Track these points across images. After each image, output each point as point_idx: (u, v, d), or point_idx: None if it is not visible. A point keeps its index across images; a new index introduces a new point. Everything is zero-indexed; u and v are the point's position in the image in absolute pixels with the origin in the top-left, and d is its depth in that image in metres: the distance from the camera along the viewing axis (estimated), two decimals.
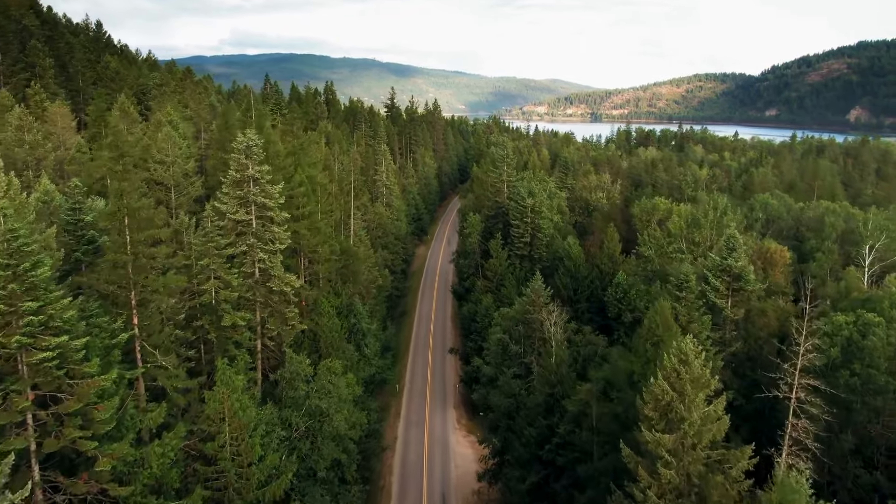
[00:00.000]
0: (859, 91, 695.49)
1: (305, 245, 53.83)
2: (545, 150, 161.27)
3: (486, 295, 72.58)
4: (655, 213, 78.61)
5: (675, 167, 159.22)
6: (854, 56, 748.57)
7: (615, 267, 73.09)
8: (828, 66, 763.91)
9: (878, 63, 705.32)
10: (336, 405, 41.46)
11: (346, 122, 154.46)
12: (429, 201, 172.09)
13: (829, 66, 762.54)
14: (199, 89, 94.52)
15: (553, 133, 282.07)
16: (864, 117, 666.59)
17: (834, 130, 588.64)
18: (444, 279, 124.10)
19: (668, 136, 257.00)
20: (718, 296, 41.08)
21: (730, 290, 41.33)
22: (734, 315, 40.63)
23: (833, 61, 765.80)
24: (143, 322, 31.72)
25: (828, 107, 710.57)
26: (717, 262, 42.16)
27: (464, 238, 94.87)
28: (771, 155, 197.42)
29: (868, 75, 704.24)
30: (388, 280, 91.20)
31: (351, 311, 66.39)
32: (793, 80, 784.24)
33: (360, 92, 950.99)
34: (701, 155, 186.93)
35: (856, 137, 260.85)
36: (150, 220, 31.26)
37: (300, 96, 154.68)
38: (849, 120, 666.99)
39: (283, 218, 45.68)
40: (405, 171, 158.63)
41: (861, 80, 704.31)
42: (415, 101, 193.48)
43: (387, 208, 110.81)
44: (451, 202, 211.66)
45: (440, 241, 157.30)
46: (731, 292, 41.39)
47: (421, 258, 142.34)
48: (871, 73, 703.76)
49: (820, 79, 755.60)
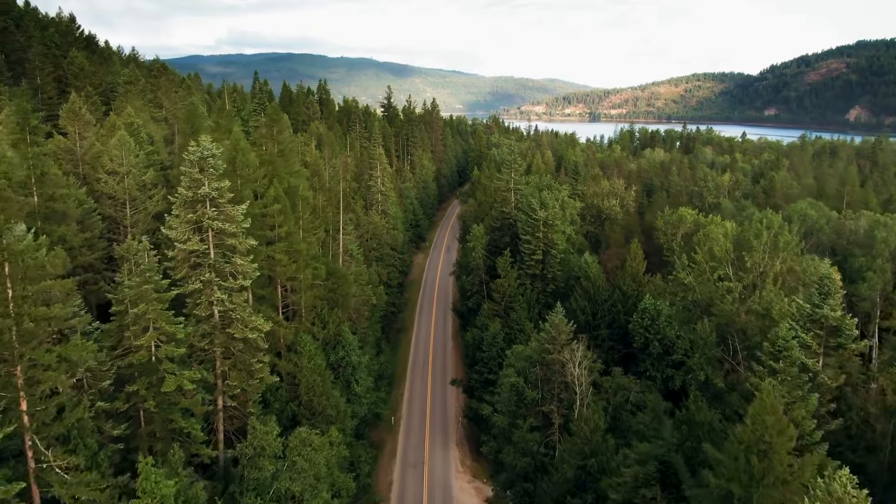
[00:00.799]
0: (859, 90, 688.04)
1: (282, 272, 44.63)
2: (549, 152, 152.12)
3: (493, 320, 63.46)
4: (682, 225, 69.55)
5: (687, 170, 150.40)
6: (853, 55, 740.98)
7: (639, 288, 64.10)
8: (827, 66, 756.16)
9: (878, 62, 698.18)
10: (313, 487, 32.31)
11: (339, 123, 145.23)
12: (427, 205, 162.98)
13: (828, 65, 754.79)
14: (174, 87, 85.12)
15: (554, 133, 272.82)
16: (864, 117, 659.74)
17: (834, 130, 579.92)
18: (444, 292, 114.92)
19: (673, 136, 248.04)
20: (808, 354, 31.59)
21: (822, 346, 32.02)
22: (832, 381, 31.04)
23: (832, 61, 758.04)
24: (34, 409, 22.52)
25: (827, 106, 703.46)
26: (805, 310, 32.71)
27: (466, 252, 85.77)
28: (782, 156, 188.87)
29: (867, 75, 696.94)
30: (382, 298, 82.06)
31: (339, 343, 57.32)
32: (792, 80, 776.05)
33: (357, 91, 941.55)
34: (711, 157, 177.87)
35: (867, 138, 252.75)
36: (41, 269, 22.07)
37: (291, 96, 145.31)
38: (848, 119, 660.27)
39: (249, 246, 36.44)
40: (402, 175, 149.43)
41: (860, 80, 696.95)
42: (412, 100, 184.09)
43: (382, 216, 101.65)
44: (450, 205, 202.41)
45: (439, 249, 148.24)
46: (823, 350, 32.07)
47: (419, 267, 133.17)
48: (871, 72, 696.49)
49: (819, 78, 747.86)
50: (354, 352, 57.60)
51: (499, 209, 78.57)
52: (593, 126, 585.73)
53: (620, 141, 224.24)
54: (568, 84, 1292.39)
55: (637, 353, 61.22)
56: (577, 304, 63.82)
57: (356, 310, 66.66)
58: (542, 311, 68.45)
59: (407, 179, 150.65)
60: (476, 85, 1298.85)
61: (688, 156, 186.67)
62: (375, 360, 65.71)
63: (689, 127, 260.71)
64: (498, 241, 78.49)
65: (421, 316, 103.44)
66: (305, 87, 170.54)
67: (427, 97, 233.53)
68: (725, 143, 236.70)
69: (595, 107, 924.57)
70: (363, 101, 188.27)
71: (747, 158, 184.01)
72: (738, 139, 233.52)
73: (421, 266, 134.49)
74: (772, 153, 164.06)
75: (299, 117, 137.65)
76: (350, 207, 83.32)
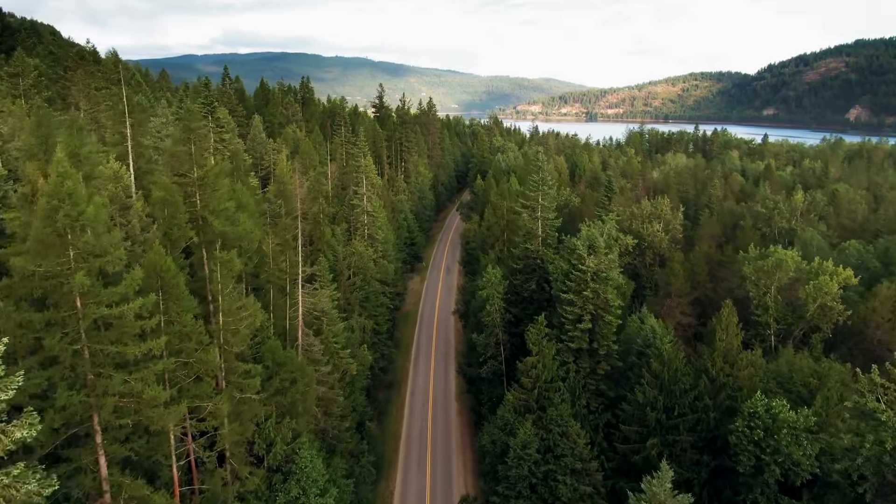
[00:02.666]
0: (858, 90, 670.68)
1: (163, 416, 23.60)
2: (561, 159, 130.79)
3: (522, 421, 42.55)
4: (780, 272, 48.77)
5: (721, 180, 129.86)
6: (852, 55, 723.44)
7: (736, 376, 43.46)
8: (825, 65, 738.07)
9: (877, 61, 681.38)
10: None
11: (322, 127, 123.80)
12: (424, 218, 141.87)
13: (827, 64, 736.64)
14: (96, 80, 63.92)
15: (555, 134, 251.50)
16: (865, 116, 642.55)
17: (834, 130, 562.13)
18: (445, 333, 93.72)
19: (686, 138, 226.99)
20: None
21: None
22: None
23: (831, 60, 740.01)
24: None
25: (827, 106, 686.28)
26: None
27: (476, 299, 64.86)
28: (812, 160, 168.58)
29: (866, 74, 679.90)
30: (367, 359, 61.23)
31: (291, 473, 36.42)
32: (790, 79, 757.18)
33: (352, 91, 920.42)
34: (739, 162, 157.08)
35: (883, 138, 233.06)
36: None
37: (269, 94, 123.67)
38: (849, 119, 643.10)
39: None
40: (395, 186, 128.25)
41: (860, 79, 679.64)
42: (407, 100, 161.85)
43: (369, 243, 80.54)
44: (448, 214, 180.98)
45: (438, 269, 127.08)
46: None
47: (415, 294, 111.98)
48: (870, 71, 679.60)
49: (818, 77, 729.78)
50: (315, 488, 36.64)
51: (521, 245, 57.39)
52: (590, 126, 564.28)
53: (632, 143, 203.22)
54: (563, 84, 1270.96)
55: (735, 470, 40.76)
56: (645, 397, 43.15)
57: (325, 401, 45.70)
58: (592, 404, 47.50)
59: (400, 191, 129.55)
60: (471, 84, 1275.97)
61: (710, 161, 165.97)
62: (350, 481, 44.68)
63: (701, 127, 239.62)
64: (520, 288, 57.51)
65: (417, 366, 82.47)
66: (287, 84, 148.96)
67: (423, 96, 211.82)
68: (745, 145, 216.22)
69: (592, 106, 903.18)
70: (358, 101, 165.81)
71: (780, 164, 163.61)
72: (757, 141, 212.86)
73: (417, 293, 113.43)
74: (819, 161, 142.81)
75: (275, 119, 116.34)
76: (324, 242, 62.24)
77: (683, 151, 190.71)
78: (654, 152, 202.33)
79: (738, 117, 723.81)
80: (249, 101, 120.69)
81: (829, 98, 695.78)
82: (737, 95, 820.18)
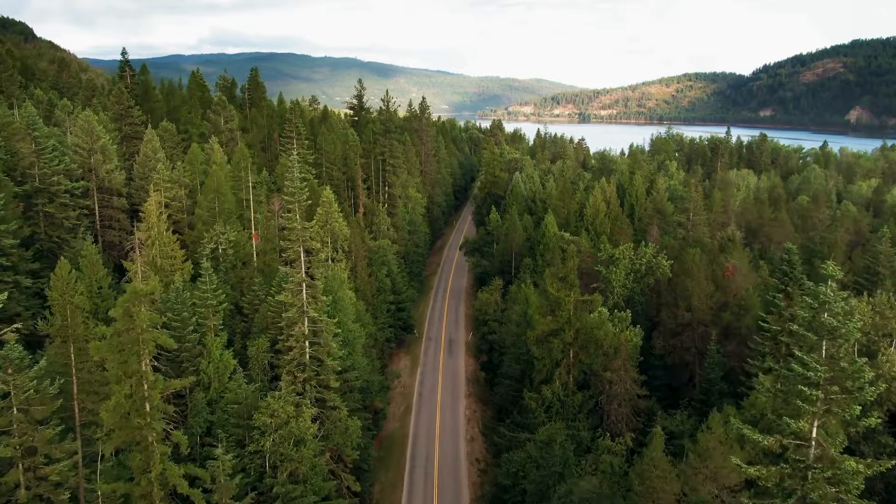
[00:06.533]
0: (858, 91, 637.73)
1: None
2: (611, 184, 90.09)
3: None
4: None
5: (824, 211, 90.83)
6: (849, 55, 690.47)
7: None
8: (822, 66, 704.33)
9: (876, 62, 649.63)
10: None
11: (268, 138, 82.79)
12: (416, 259, 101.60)
13: (824, 65, 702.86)
14: None
15: (570, 139, 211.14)
16: (865, 118, 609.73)
17: (834, 131, 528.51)
18: (455, 481, 53.32)
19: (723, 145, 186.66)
20: None
21: None
22: None
23: (828, 60, 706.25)
24: None
25: (825, 107, 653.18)
26: None
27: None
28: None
29: (865, 74, 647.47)
30: None
31: None
32: (787, 80, 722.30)
33: (341, 91, 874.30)
34: (827, 182, 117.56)
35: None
36: None
37: (182, 94, 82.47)
38: (849, 121, 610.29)
39: None
40: (375, 221, 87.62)
41: (859, 80, 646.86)
42: (395, 100, 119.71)
43: (318, 342, 40.32)
44: (446, 244, 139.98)
45: (436, 343, 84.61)
46: None
47: (403, 398, 70.84)
48: (869, 72, 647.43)
49: (815, 78, 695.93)
50: None
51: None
52: (584, 127, 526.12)
53: (665, 153, 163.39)
54: (554, 84, 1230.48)
55: None
56: None
57: None
58: None
59: (382, 223, 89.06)
60: (462, 85, 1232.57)
61: (787, 180, 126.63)
62: None
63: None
64: None
65: None
66: (231, 79, 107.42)
67: (413, 97, 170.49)
68: (794, 154, 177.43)
69: (585, 107, 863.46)
70: (348, 102, 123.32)
71: (866, 181, 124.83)
72: (815, 149, 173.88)
73: (407, 392, 72.19)
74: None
75: (194, 129, 75.20)
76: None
77: (768, 170, 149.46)
78: (690, 163, 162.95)
79: (734, 118, 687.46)
80: (160, 102, 79.50)
81: (827, 99, 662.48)
82: (732, 96, 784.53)
